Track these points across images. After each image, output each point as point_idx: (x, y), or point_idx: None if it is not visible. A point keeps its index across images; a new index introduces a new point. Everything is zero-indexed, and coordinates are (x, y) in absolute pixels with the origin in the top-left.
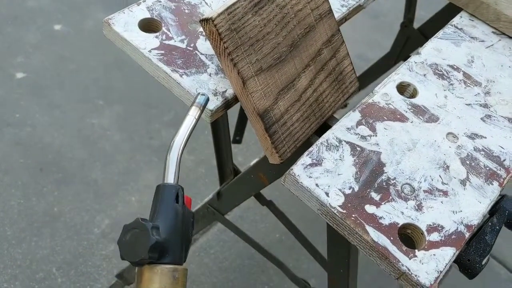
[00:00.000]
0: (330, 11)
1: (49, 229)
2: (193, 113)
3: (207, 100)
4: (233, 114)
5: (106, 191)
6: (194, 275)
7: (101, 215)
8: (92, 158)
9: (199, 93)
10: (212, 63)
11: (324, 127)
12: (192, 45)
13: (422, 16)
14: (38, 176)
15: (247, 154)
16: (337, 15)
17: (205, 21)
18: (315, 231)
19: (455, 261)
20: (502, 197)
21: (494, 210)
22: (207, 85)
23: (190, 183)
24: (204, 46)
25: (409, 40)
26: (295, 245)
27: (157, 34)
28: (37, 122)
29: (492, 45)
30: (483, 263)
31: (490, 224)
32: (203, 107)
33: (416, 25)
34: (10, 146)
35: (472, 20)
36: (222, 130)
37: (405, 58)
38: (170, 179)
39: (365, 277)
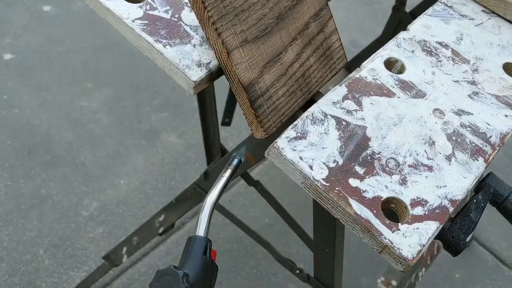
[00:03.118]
0: None
1: (37, 211)
2: (227, 174)
3: (240, 162)
4: (223, 97)
5: (95, 174)
6: None
7: (89, 197)
8: (81, 141)
9: (234, 156)
10: (197, 34)
11: (310, 103)
12: (176, 15)
13: (414, 3)
14: (26, 158)
15: (237, 140)
16: None
17: None
18: (303, 216)
19: (440, 238)
20: (488, 175)
21: (479, 187)
22: (191, 56)
23: (179, 167)
24: (188, 17)
25: (401, 23)
26: (284, 230)
27: (141, 4)
28: (25, 104)
29: (481, 23)
30: (467, 240)
31: (475, 201)
32: (235, 168)
33: (408, 10)
34: None
35: None
36: (209, 109)
37: None
38: (201, 232)
39: (354, 263)
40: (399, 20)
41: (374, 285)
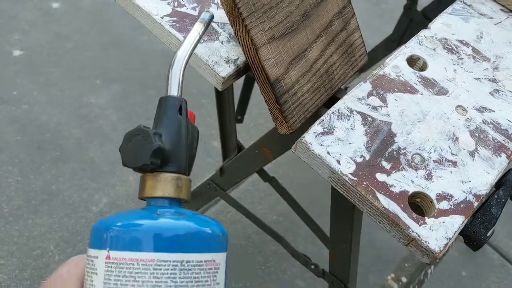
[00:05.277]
0: None
1: (47, 206)
2: (197, 28)
3: (212, 17)
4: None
5: (104, 170)
6: None
7: (99, 193)
8: (90, 137)
9: (205, 12)
10: (224, 31)
11: (333, 100)
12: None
13: (423, 3)
14: (35, 154)
15: (247, 138)
16: None
17: None
18: (313, 213)
19: (461, 233)
20: (508, 171)
21: (500, 183)
22: (219, 52)
23: None
24: (216, 14)
25: (412, 23)
26: (292, 227)
27: (169, 1)
28: (34, 100)
29: (500, 22)
30: (488, 235)
31: (496, 196)
32: (207, 24)
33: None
34: (6, 124)
35: None
36: (227, 105)
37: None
38: (174, 91)
39: (361, 261)
40: (410, 19)
41: (381, 282)
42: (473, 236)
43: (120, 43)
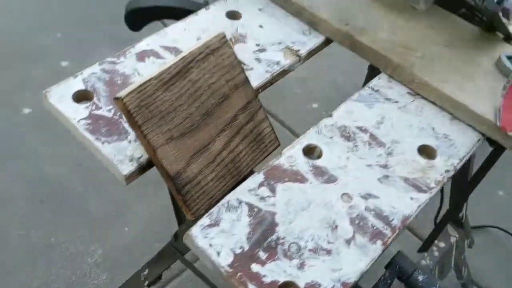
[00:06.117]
0: (246, 81)
1: (45, 259)
2: None
3: None
4: None
5: (101, 222)
6: None
7: (95, 245)
8: (90, 190)
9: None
10: (133, 130)
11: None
12: (118, 113)
13: None
14: (38, 208)
15: None
16: (261, 80)
17: (116, 99)
18: None
19: None
20: (397, 253)
21: (388, 264)
22: (125, 152)
23: (170, 217)
24: None
25: None
26: None
27: (88, 104)
28: (40, 155)
29: (405, 105)
30: None
31: (382, 278)
32: None
33: None
34: (13, 178)
35: (390, 82)
36: None
37: None
38: None
39: None
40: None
41: None
42: None
43: None
